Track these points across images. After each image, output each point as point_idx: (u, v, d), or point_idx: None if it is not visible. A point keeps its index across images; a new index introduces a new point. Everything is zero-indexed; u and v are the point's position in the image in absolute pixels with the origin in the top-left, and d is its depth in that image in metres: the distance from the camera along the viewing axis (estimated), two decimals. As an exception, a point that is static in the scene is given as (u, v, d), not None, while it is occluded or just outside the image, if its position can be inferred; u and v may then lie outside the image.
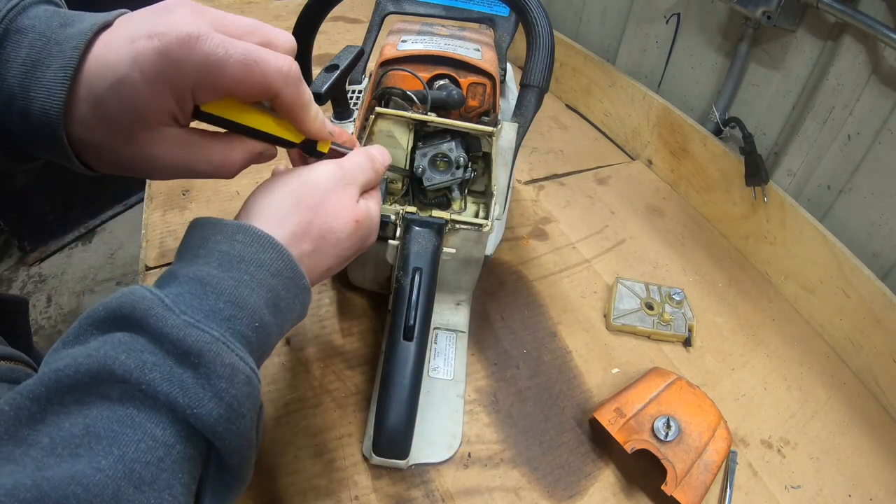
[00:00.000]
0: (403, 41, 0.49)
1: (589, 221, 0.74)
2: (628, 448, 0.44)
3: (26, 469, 0.20)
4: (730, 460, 0.49)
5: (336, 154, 0.36)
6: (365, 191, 0.36)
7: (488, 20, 0.57)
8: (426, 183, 0.46)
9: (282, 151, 0.35)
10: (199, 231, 0.29)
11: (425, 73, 0.47)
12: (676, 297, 0.61)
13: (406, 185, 0.47)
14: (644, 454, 0.44)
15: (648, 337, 0.59)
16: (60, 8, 0.29)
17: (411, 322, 0.41)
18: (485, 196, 0.50)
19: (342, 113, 0.51)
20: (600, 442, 0.49)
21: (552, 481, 0.46)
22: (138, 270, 0.59)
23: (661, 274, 0.68)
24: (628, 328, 0.59)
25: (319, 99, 0.45)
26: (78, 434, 0.22)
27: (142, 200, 0.69)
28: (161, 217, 0.64)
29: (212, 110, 0.30)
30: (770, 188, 0.66)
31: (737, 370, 0.58)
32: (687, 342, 0.59)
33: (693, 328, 0.59)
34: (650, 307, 0.60)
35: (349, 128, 0.50)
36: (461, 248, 0.47)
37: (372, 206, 0.36)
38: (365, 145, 0.46)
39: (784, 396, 0.57)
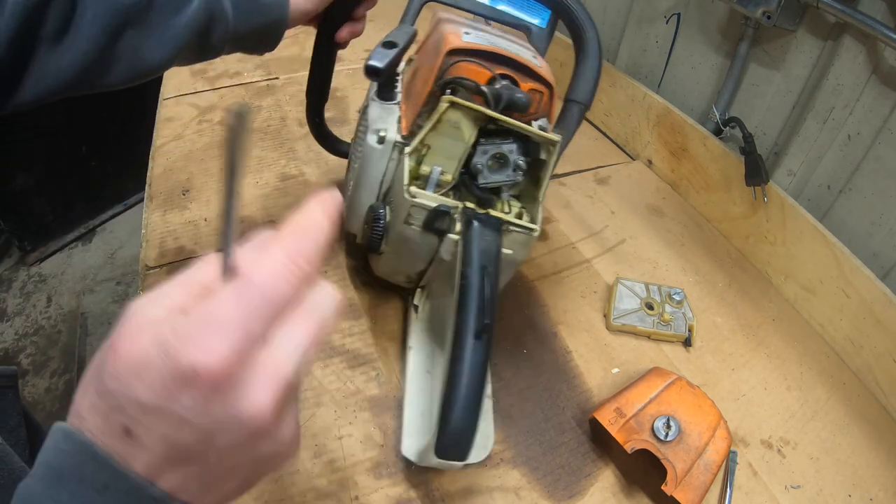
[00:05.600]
0: (467, 33, 0.47)
1: (589, 221, 0.74)
2: (628, 448, 0.44)
3: None
4: (730, 460, 0.49)
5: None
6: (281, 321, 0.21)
7: (525, 28, 0.55)
8: (481, 181, 0.45)
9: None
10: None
11: (488, 71, 0.45)
12: (676, 297, 0.61)
13: (456, 177, 0.45)
14: (644, 454, 0.44)
15: (648, 337, 0.59)
16: None
17: (487, 321, 0.39)
18: (520, 200, 0.49)
19: (387, 94, 0.49)
20: (600, 442, 0.49)
21: (552, 481, 0.46)
22: (138, 270, 0.59)
23: (661, 274, 0.68)
24: (628, 328, 0.59)
25: (378, 74, 0.43)
26: None
27: (142, 200, 0.69)
28: (161, 217, 0.64)
29: None
30: (770, 188, 0.66)
31: (737, 370, 0.58)
32: (687, 342, 0.59)
33: (693, 328, 0.59)
34: (650, 307, 0.60)
35: (394, 111, 0.48)
36: (508, 249, 0.45)
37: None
38: (430, 132, 0.43)
39: (784, 396, 0.57)
